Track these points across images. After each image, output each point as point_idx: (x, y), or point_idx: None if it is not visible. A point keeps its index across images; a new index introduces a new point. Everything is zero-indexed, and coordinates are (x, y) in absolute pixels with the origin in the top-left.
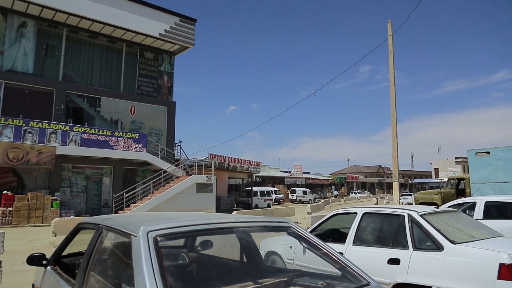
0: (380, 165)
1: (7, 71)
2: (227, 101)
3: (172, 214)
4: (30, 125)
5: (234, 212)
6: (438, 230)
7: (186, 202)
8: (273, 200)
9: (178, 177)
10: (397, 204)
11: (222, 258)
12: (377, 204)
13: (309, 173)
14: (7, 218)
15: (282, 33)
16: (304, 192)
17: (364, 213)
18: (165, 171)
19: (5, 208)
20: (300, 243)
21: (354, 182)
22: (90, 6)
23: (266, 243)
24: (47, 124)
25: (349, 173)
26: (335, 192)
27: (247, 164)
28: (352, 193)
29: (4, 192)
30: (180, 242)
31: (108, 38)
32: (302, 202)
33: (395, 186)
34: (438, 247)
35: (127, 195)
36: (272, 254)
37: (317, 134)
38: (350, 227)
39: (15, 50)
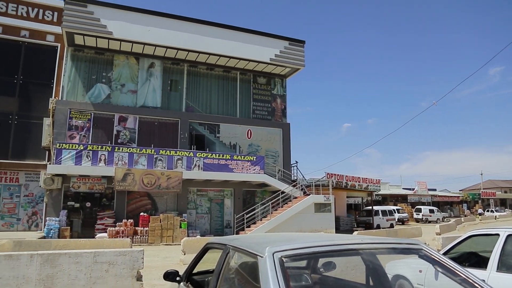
0: None
1: (140, 107)
2: (341, 118)
3: (294, 234)
4: (160, 153)
5: (355, 232)
6: None
7: (305, 222)
8: (396, 220)
9: (296, 197)
10: None
11: (346, 280)
12: None
13: (435, 189)
14: (144, 237)
15: (392, 44)
16: (431, 211)
17: (510, 235)
18: (283, 192)
19: (142, 228)
20: (434, 267)
21: (490, 199)
22: (206, 42)
23: (392, 266)
24: (174, 152)
25: (483, 188)
26: (467, 211)
27: (366, 182)
28: (487, 211)
29: (141, 213)
30: (303, 263)
31: (223, 68)
32: (429, 222)
33: None
34: None
35: (247, 216)
36: (400, 278)
37: (441, 147)
38: (491, 251)
39: (146, 88)
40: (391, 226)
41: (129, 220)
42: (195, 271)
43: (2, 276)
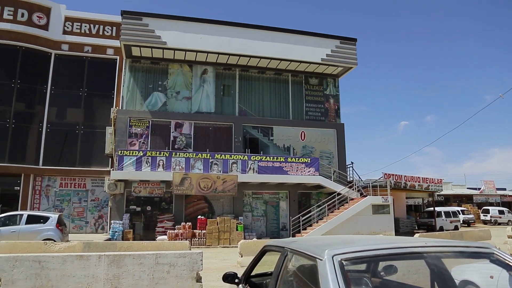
0: None
1: (195, 113)
2: (397, 116)
3: (353, 237)
4: (215, 157)
5: (416, 235)
6: None
7: (362, 225)
8: (461, 222)
9: (352, 199)
10: None
11: (410, 285)
12: None
13: (504, 189)
14: (201, 239)
15: (451, 34)
16: (501, 212)
17: None
18: (338, 193)
19: (200, 231)
20: (508, 273)
21: None
22: (257, 46)
23: (460, 271)
24: (229, 156)
25: None
26: None
27: (427, 182)
28: None
29: (199, 217)
30: (362, 266)
31: (274, 71)
32: (499, 224)
33: None
34: None
35: (303, 218)
36: (468, 284)
37: (510, 143)
38: None
39: (200, 94)
40: (456, 228)
41: (187, 223)
42: (253, 273)
43: (75, 274)
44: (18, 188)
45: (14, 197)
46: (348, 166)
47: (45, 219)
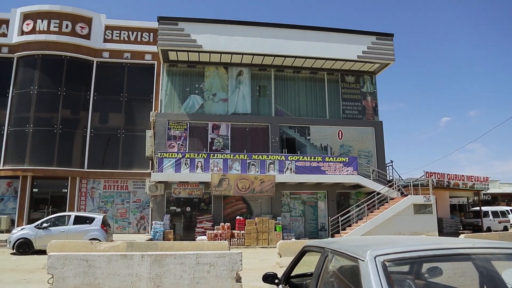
0: None
1: (232, 114)
2: (438, 112)
3: (394, 237)
4: (252, 158)
5: (462, 235)
6: None
7: (404, 225)
8: (511, 222)
9: (392, 199)
10: None
11: None
12: None
13: None
14: (240, 239)
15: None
16: None
17: None
18: (378, 193)
19: (238, 231)
20: None
21: None
22: (291, 45)
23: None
24: (266, 156)
25: None
26: None
27: (471, 181)
28: None
29: (237, 217)
30: (405, 267)
31: (310, 70)
32: None
33: None
34: None
35: (342, 218)
36: None
37: None
38: None
39: (236, 96)
40: (505, 229)
41: (226, 223)
42: (293, 273)
43: (120, 273)
44: (66, 190)
45: (62, 199)
46: (388, 164)
47: (91, 220)
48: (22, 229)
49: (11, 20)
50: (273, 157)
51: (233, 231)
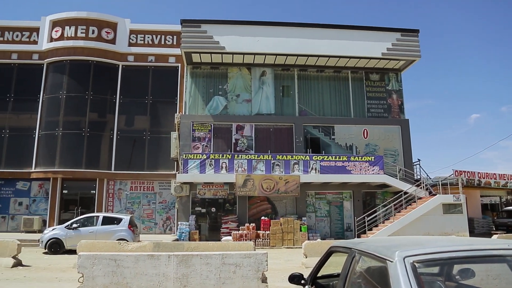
0: None
1: (255, 114)
2: (468, 109)
3: (423, 238)
4: (277, 158)
5: (494, 236)
6: None
7: (432, 225)
8: None
9: (420, 198)
10: None
11: None
12: None
13: None
14: (265, 240)
15: None
16: None
17: None
18: (405, 192)
19: (263, 232)
20: None
21: None
22: (314, 44)
23: None
24: (290, 156)
25: None
26: None
27: (504, 179)
28: None
29: (262, 217)
30: (435, 269)
31: (333, 68)
32: None
33: None
34: None
35: (368, 218)
36: None
37: None
38: None
39: (259, 96)
40: None
41: (251, 224)
42: (319, 274)
43: (147, 273)
44: (94, 191)
45: (90, 200)
46: (415, 163)
47: (118, 221)
48: (53, 229)
49: (41, 28)
50: (297, 157)
51: (258, 231)
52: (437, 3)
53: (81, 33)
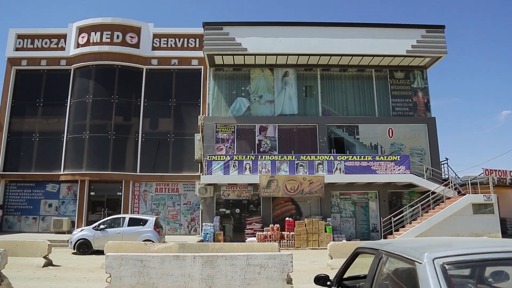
0: None
1: (278, 115)
2: (497, 106)
3: (453, 239)
4: (300, 159)
5: None
6: None
7: (462, 225)
8: None
9: (448, 198)
10: None
11: None
12: None
13: None
14: (290, 241)
15: None
16: None
17: None
18: (433, 192)
19: (288, 233)
20: None
21: None
22: (337, 43)
23: None
24: (314, 157)
25: None
26: None
27: None
28: None
29: (286, 218)
30: (466, 271)
31: (357, 67)
32: None
33: None
34: None
35: (394, 219)
36: None
37: None
38: None
39: (282, 97)
40: None
41: (275, 225)
42: (345, 276)
43: (173, 273)
44: (120, 193)
45: (117, 202)
46: (443, 162)
47: (144, 222)
48: (81, 230)
49: (68, 34)
50: (321, 158)
51: (283, 232)
52: None
53: (106, 38)
